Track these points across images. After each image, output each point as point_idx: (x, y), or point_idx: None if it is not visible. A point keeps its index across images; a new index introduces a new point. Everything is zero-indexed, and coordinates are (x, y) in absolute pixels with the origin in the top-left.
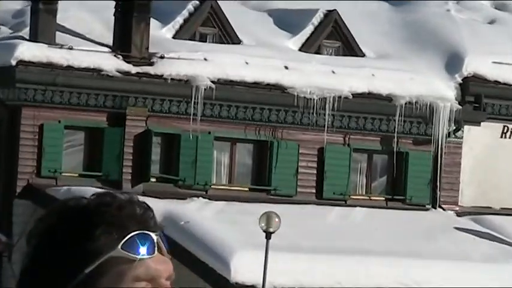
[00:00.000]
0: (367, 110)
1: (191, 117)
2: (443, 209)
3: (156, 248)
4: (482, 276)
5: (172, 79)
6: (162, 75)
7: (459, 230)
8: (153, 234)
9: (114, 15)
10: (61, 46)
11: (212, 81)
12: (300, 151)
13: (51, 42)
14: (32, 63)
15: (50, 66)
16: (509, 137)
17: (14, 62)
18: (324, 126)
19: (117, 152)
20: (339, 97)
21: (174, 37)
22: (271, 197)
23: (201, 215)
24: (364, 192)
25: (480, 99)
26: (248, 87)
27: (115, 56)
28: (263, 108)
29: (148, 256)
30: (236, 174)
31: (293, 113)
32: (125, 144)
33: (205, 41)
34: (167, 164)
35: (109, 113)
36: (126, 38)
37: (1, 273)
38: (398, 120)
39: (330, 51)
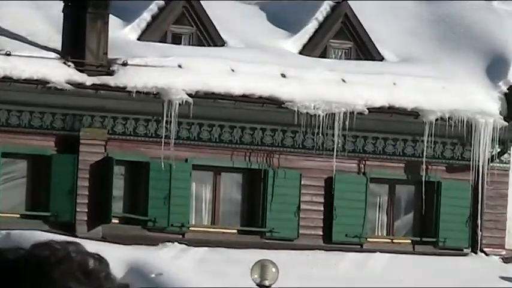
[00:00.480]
0: (388, 128)
1: (163, 140)
2: (486, 254)
3: None
4: None
5: (138, 92)
6: (125, 88)
7: (507, 280)
8: None
9: (63, 11)
10: None
11: (189, 95)
12: (302, 182)
13: None
14: None
15: None
16: None
17: None
18: (333, 150)
19: (68, 186)
20: (352, 113)
21: (139, 38)
22: (267, 241)
23: (177, 265)
24: (385, 234)
25: None
26: (235, 102)
27: (65, 63)
28: (254, 128)
29: None
30: (221, 213)
31: (293, 134)
32: (78, 175)
33: (180, 44)
34: (133, 201)
35: (58, 137)
36: (78, 41)
37: None
38: (427, 142)
39: (339, 53)
